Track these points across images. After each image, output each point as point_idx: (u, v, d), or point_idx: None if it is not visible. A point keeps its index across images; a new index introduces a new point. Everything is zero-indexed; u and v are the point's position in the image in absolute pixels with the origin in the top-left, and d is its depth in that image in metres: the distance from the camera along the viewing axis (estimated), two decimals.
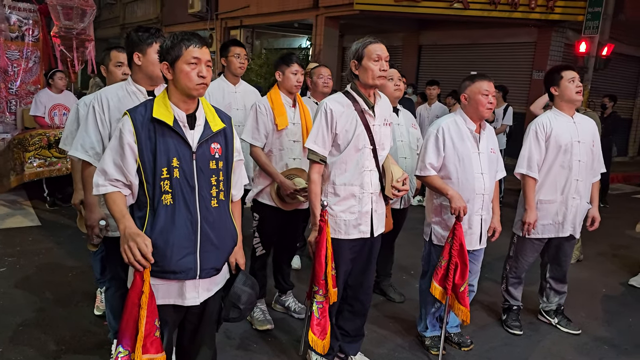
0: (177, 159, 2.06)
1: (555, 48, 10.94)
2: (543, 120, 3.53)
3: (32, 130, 6.08)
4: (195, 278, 2.14)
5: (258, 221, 3.55)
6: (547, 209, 3.55)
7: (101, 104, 2.58)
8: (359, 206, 2.84)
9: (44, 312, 3.62)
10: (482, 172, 3.15)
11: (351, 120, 2.76)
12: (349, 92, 2.83)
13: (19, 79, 7.46)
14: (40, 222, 5.69)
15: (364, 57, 2.74)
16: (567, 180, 3.51)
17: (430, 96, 7.77)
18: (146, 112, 2.06)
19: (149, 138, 2.04)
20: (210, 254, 2.15)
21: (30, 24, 7.48)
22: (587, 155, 3.53)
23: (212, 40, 16.02)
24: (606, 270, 5.23)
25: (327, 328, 2.82)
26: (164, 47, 2.07)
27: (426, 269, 3.40)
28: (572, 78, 3.47)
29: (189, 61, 2.03)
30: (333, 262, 2.77)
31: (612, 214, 7.63)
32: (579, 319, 4.01)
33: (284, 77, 3.43)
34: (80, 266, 4.42)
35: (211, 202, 2.15)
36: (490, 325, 3.85)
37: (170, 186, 2.06)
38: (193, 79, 2.04)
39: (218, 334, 3.34)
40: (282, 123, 3.34)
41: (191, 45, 2.04)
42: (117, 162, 2.05)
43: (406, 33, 13.55)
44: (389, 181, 2.88)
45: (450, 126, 3.17)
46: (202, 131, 2.12)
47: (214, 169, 2.15)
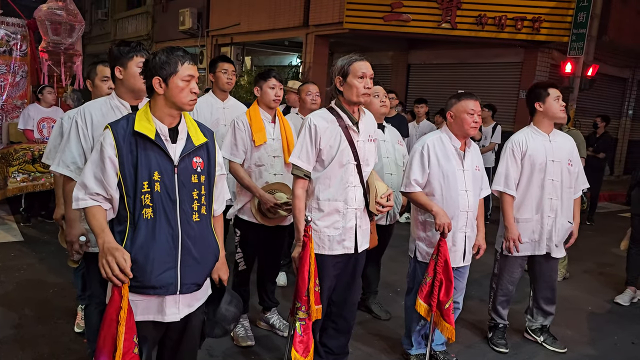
0: (158, 173, 2.04)
1: (541, 68, 11.09)
2: (519, 138, 3.56)
3: (17, 145, 6.03)
4: (175, 293, 2.11)
5: (240, 237, 3.52)
6: (524, 227, 3.57)
7: (84, 118, 2.57)
8: (343, 222, 2.83)
9: (23, 329, 3.54)
10: (466, 190, 3.16)
11: (335, 136, 2.77)
12: (334, 108, 2.84)
13: (5, 93, 7.41)
14: (22, 238, 5.61)
15: (349, 74, 2.75)
16: (541, 199, 3.54)
17: (419, 114, 7.83)
18: (128, 125, 2.05)
19: (130, 151, 2.02)
20: (191, 268, 2.12)
21: (18, 38, 7.46)
22: (562, 174, 3.54)
23: (202, 57, 16.08)
24: (592, 288, 5.24)
25: (310, 345, 2.78)
26: (158, 62, 2.06)
27: (411, 286, 3.38)
28: (558, 96, 3.50)
29: (184, 78, 2.05)
30: (317, 278, 2.74)
31: (598, 232, 7.68)
32: (565, 337, 4.00)
33: (262, 92, 3.43)
34: (61, 283, 4.35)
35: (192, 216, 2.13)
36: (476, 343, 3.83)
37: (151, 200, 2.04)
38: (187, 95, 2.06)
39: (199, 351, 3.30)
40: (259, 139, 3.34)
41: (186, 62, 2.07)
42: (97, 175, 2.03)
43: (395, 52, 13.68)
44: (373, 197, 2.88)
45: (435, 143, 3.18)
46: (184, 145, 2.11)
47: (196, 183, 2.14)
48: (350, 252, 2.88)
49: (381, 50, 13.67)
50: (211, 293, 2.35)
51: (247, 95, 11.94)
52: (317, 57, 12.51)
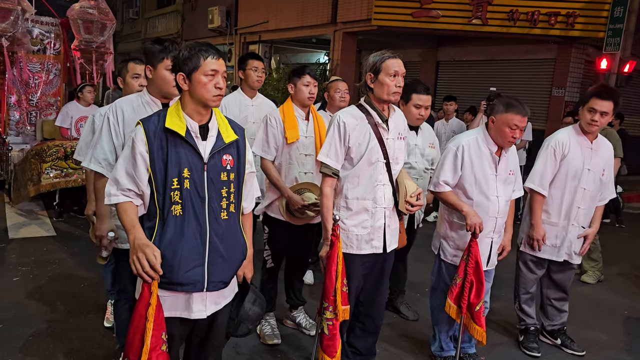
0: (188, 170, 2.04)
1: (575, 65, 10.81)
2: (563, 138, 3.43)
3: (50, 142, 6.16)
4: (202, 291, 2.10)
5: (268, 234, 3.51)
6: (548, 230, 3.48)
7: (116, 115, 2.57)
8: (371, 221, 2.79)
9: (55, 323, 3.60)
10: (497, 195, 3.08)
11: (364, 134, 2.72)
12: (363, 105, 2.79)
13: (39, 91, 7.59)
14: (55, 232, 5.73)
15: (380, 71, 2.70)
16: (570, 206, 3.45)
17: (448, 112, 7.70)
18: (159, 122, 2.05)
19: (161, 148, 2.02)
20: (218, 266, 2.12)
21: (52, 37, 7.63)
22: (594, 183, 3.45)
23: (231, 55, 16.19)
24: (628, 291, 5.07)
25: (337, 346, 2.74)
26: (181, 58, 2.05)
27: (435, 285, 3.34)
28: (593, 109, 3.31)
29: (207, 73, 2.02)
30: (345, 278, 2.70)
31: (633, 234, 7.44)
32: (600, 342, 3.88)
33: (296, 89, 3.40)
34: (92, 277, 4.42)
35: (221, 214, 2.12)
36: (506, 345, 3.74)
37: (181, 197, 2.03)
38: (210, 90, 2.03)
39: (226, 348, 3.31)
40: (292, 136, 3.31)
41: (209, 56, 2.03)
42: (129, 171, 2.04)
43: (424, 49, 13.53)
44: (403, 196, 2.82)
45: (471, 145, 3.07)
46: (214, 142, 2.10)
47: (225, 181, 2.12)
48: (378, 252, 2.84)
49: (410, 47, 13.53)
50: (237, 293, 2.34)
51: (274, 93, 11.96)
52: (345, 55, 12.46)
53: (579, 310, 4.39)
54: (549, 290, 3.73)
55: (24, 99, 7.51)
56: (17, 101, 7.48)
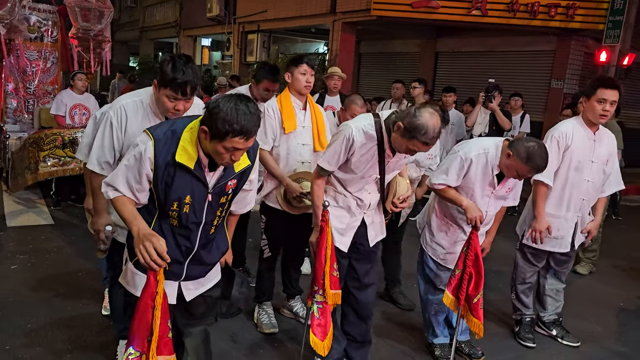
0: (190, 197, 2.03)
1: (574, 57, 10.79)
2: (566, 129, 3.41)
3: (48, 130, 6.13)
4: (178, 280, 2.21)
5: (265, 223, 3.53)
6: (551, 222, 3.47)
7: (119, 120, 2.50)
8: (349, 219, 2.88)
9: (53, 311, 3.62)
10: (486, 210, 3.12)
11: (369, 153, 2.70)
12: (382, 126, 2.65)
13: (37, 79, 7.55)
14: (53, 221, 5.72)
15: (415, 138, 2.49)
16: (574, 198, 3.45)
17: (447, 103, 7.67)
18: (171, 147, 1.96)
19: (167, 173, 1.99)
20: (197, 267, 2.22)
21: (49, 24, 7.58)
22: (598, 175, 3.45)
23: (229, 44, 16.11)
24: (623, 283, 5.10)
25: (328, 329, 2.78)
26: (212, 116, 1.85)
27: (420, 271, 3.43)
28: (603, 99, 3.25)
29: (228, 148, 1.88)
30: (335, 262, 2.75)
31: (628, 226, 7.47)
32: (595, 333, 3.92)
33: (293, 78, 3.39)
34: (90, 266, 4.42)
35: (211, 230, 2.18)
36: (502, 336, 3.77)
37: (177, 217, 2.07)
38: (223, 160, 1.94)
39: (224, 338, 3.33)
40: (289, 127, 3.31)
41: (237, 137, 1.85)
42: (130, 183, 2.02)
43: (423, 39, 13.47)
44: (391, 196, 2.89)
45: (479, 162, 3.02)
46: (222, 172, 2.06)
47: (223, 203, 2.15)
48: (342, 249, 2.88)
49: (409, 38, 13.49)
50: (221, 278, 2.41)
51: None
52: (344, 45, 12.41)
53: (575, 302, 4.42)
54: (547, 280, 3.75)
55: (22, 87, 7.47)
56: (14, 89, 7.44)
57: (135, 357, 1.94)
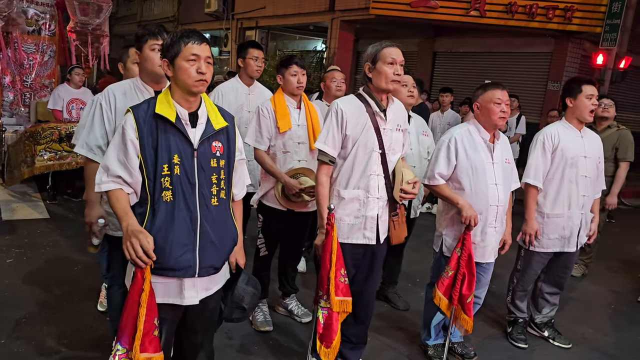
0: (178, 156, 2.06)
1: (571, 59, 10.83)
2: (551, 130, 3.47)
3: (44, 124, 6.12)
4: (194, 276, 2.13)
5: (262, 223, 3.53)
6: (555, 222, 3.48)
7: (108, 100, 2.58)
8: (363, 210, 2.79)
9: (48, 306, 3.62)
10: (496, 183, 3.07)
11: (362, 122, 2.73)
12: (362, 94, 2.81)
13: (34, 72, 7.52)
14: (49, 215, 5.72)
15: (378, 60, 2.72)
16: (574, 195, 3.46)
17: (443, 103, 7.72)
18: (149, 108, 2.07)
19: (151, 134, 2.04)
20: (209, 252, 2.14)
21: (47, 18, 7.54)
22: (593, 171, 3.49)
23: (227, 40, 16.08)
24: (616, 286, 5.14)
25: (334, 336, 2.74)
26: (165, 45, 2.08)
27: (434, 280, 3.32)
28: (591, 95, 3.35)
29: (188, 58, 2.03)
30: (343, 268, 2.70)
31: (622, 229, 7.52)
32: (586, 335, 3.95)
33: (285, 80, 3.42)
34: (86, 261, 4.42)
35: (211, 200, 2.14)
36: (494, 337, 3.80)
37: (171, 183, 2.06)
38: (192, 75, 2.04)
39: (218, 334, 3.34)
40: (284, 126, 3.33)
41: (190, 41, 2.04)
42: (120, 158, 2.05)
43: (421, 39, 13.49)
44: (398, 183, 2.81)
45: (463, 135, 3.10)
46: (203, 129, 2.12)
47: (215, 167, 2.15)
48: (371, 243, 2.84)
49: (407, 37, 13.49)
50: (229, 278, 2.36)
51: (270, 80, 11.92)
52: (342, 43, 12.40)
53: (567, 304, 4.46)
54: (545, 284, 3.76)
55: (18, 80, 7.44)
56: (11, 82, 7.41)
57: (122, 353, 1.97)
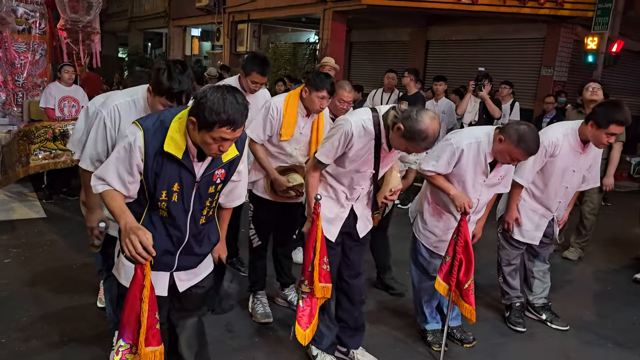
0: (178, 185, 2.06)
1: (564, 44, 10.84)
2: (557, 140, 3.39)
3: (38, 123, 6.09)
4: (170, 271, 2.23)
5: (253, 212, 3.58)
6: (532, 218, 3.63)
7: (113, 120, 2.50)
8: (337, 209, 2.90)
9: (48, 304, 3.63)
10: (478, 198, 3.17)
11: (365, 150, 2.71)
12: (380, 122, 2.64)
13: (25, 71, 7.47)
14: (45, 214, 5.71)
15: (414, 140, 2.51)
16: (552, 200, 3.59)
17: (437, 92, 7.70)
18: (160, 136, 1.99)
19: (157, 162, 2.02)
20: (188, 258, 2.24)
21: (37, 16, 7.47)
22: (577, 182, 3.59)
23: (219, 34, 16.00)
24: (612, 267, 5.18)
25: (312, 320, 2.85)
26: (200, 107, 1.87)
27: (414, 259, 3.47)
28: (613, 134, 3.26)
29: (216, 138, 1.90)
30: (326, 256, 2.79)
31: (618, 212, 7.56)
32: (583, 317, 3.99)
33: (309, 98, 3.29)
34: (83, 259, 4.42)
35: (200, 220, 2.20)
36: (492, 320, 3.83)
37: (167, 207, 2.09)
38: (211, 151, 1.96)
39: (219, 327, 3.36)
40: (286, 134, 3.33)
41: (225, 127, 1.87)
42: (121, 175, 2.04)
43: (414, 28, 13.45)
44: (383, 191, 2.93)
45: (471, 150, 3.04)
46: (210, 162, 2.08)
47: (212, 193, 2.17)
48: (330, 240, 2.89)
49: (399, 27, 13.47)
50: (213, 271, 2.42)
51: None
52: (335, 34, 12.36)
53: (564, 287, 4.50)
54: (532, 262, 3.85)
55: (10, 79, 7.38)
56: (2, 82, 7.34)
57: (125, 349, 1.99)
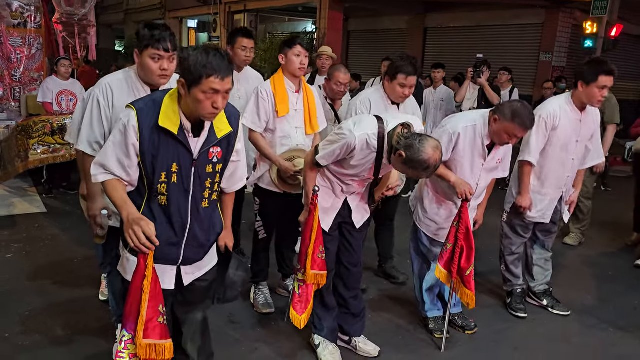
0: (176, 165, 2.05)
1: (562, 29, 10.79)
2: (554, 109, 3.42)
3: (36, 117, 6.07)
4: (176, 264, 2.21)
5: (259, 206, 3.55)
6: (538, 199, 3.58)
7: (106, 97, 2.54)
8: (333, 200, 2.91)
9: (50, 298, 3.64)
10: (477, 183, 3.17)
11: (367, 159, 2.70)
12: (385, 137, 2.61)
13: (22, 66, 7.44)
14: (45, 209, 5.71)
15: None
16: (560, 176, 3.55)
17: (436, 79, 7.67)
18: (153, 115, 2.00)
19: (153, 142, 2.00)
20: (193, 249, 2.21)
21: (32, 10, 7.43)
22: (581, 152, 3.57)
23: (216, 25, 15.92)
24: (613, 252, 5.20)
25: (307, 305, 2.89)
26: (185, 65, 1.92)
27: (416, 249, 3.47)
28: (604, 86, 3.29)
29: (206, 91, 1.90)
30: (322, 245, 2.83)
31: (617, 196, 7.56)
32: (585, 302, 4.00)
33: (287, 60, 3.37)
34: (85, 252, 4.43)
35: (202, 203, 2.17)
36: (494, 307, 3.85)
37: (167, 189, 2.08)
38: (206, 108, 1.94)
39: (220, 318, 3.38)
40: (282, 110, 3.31)
41: (213, 75, 1.89)
42: (120, 158, 2.03)
43: (411, 16, 13.39)
44: (381, 187, 2.94)
45: (467, 133, 3.06)
46: (206, 138, 2.08)
47: (211, 173, 2.15)
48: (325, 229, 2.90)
49: (397, 15, 13.40)
50: (219, 260, 2.41)
51: (261, 64, 11.84)
52: (332, 23, 12.32)
53: (565, 272, 4.51)
54: (534, 250, 3.84)
55: (7, 74, 7.36)
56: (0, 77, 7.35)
57: (128, 339, 2.01)
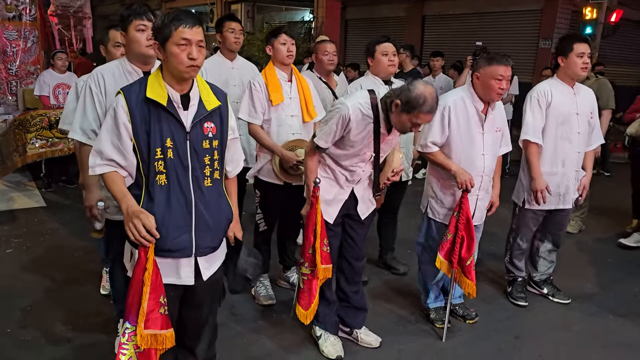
0: (170, 140, 2.03)
1: (562, 15, 10.72)
2: (544, 87, 3.47)
3: (33, 111, 6.05)
4: (190, 256, 2.15)
5: (260, 198, 3.55)
6: (549, 180, 3.49)
7: (98, 84, 2.56)
8: (337, 191, 2.89)
9: (51, 293, 3.64)
10: (483, 154, 3.12)
11: (365, 131, 2.69)
12: (379, 104, 2.66)
13: (18, 59, 7.40)
14: (45, 203, 5.71)
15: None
16: (569, 152, 3.49)
17: (435, 68, 7.64)
18: (140, 91, 2.03)
19: (143, 118, 2.01)
20: (205, 233, 2.16)
21: (27, 2, 7.37)
22: (584, 127, 3.51)
23: (212, 16, 15.82)
24: (612, 239, 5.18)
25: (313, 300, 2.88)
26: (155, 26, 2.01)
27: (425, 244, 3.39)
28: (582, 53, 3.36)
29: (179, 42, 1.95)
30: (326, 238, 2.81)
31: (616, 183, 7.55)
32: (585, 289, 4.01)
33: (274, 50, 3.40)
34: (86, 246, 4.43)
35: (204, 181, 2.13)
36: (494, 296, 3.85)
37: (165, 167, 2.04)
38: (183, 61, 1.97)
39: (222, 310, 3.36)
40: (276, 99, 3.31)
41: (181, 25, 1.95)
42: (114, 142, 2.03)
43: (410, 3, 13.29)
44: (385, 173, 2.91)
45: (457, 104, 3.09)
46: (195, 111, 2.08)
47: (208, 149, 2.12)
48: (329, 222, 2.89)
49: (395, 2, 13.30)
50: (228, 251, 2.38)
51: (259, 54, 11.77)
52: (330, 12, 12.25)
53: (565, 260, 4.50)
54: (541, 242, 3.81)
55: (3, 68, 7.32)
56: None
57: (131, 331, 2.01)
